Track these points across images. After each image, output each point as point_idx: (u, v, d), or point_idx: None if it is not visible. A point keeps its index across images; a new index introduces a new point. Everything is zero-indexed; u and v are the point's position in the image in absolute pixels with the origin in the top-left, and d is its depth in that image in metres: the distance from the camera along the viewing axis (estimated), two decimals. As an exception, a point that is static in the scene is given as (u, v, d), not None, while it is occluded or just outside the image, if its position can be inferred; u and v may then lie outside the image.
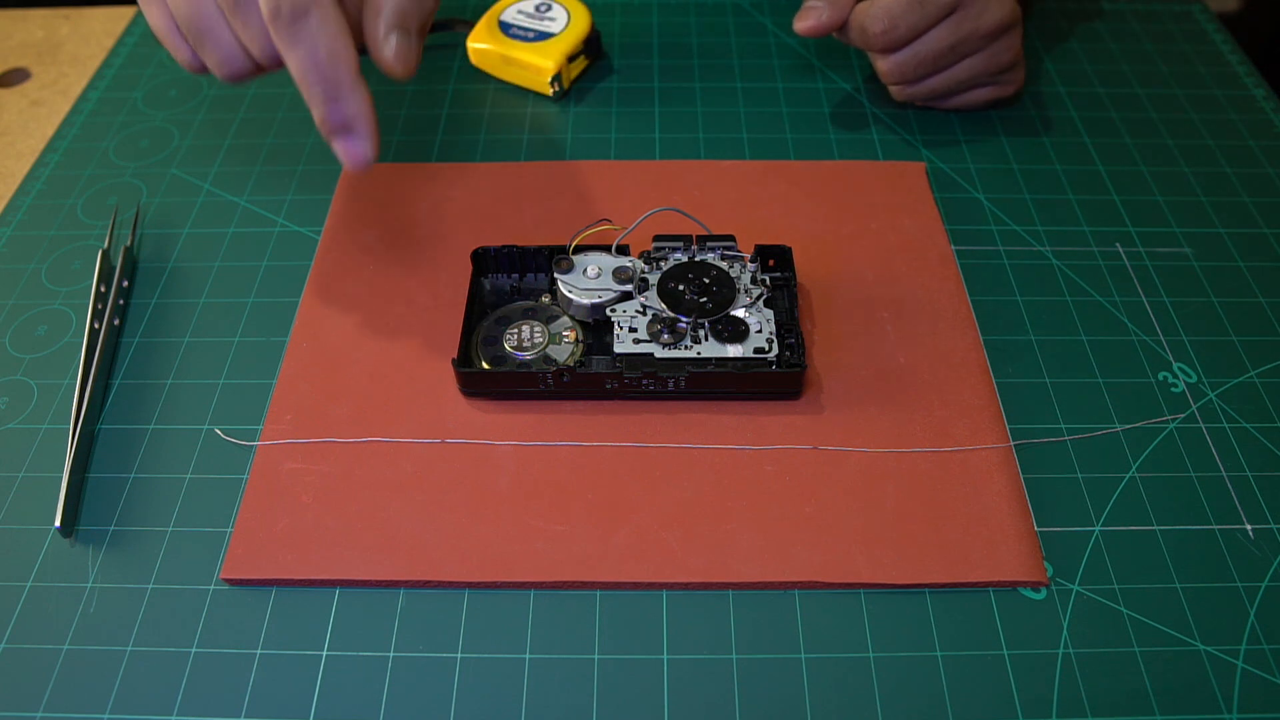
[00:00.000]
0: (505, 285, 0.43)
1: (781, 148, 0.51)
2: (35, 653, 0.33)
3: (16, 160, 0.52)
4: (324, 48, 0.32)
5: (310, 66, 0.32)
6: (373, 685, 0.32)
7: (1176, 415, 0.40)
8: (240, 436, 0.39)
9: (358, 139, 0.33)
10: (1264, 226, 0.47)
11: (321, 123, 0.33)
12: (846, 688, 0.32)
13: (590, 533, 0.35)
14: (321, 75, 0.32)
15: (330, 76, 0.32)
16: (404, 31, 0.35)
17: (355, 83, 0.32)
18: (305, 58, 0.32)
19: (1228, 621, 0.34)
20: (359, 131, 0.33)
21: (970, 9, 0.46)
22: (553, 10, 0.55)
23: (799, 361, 0.38)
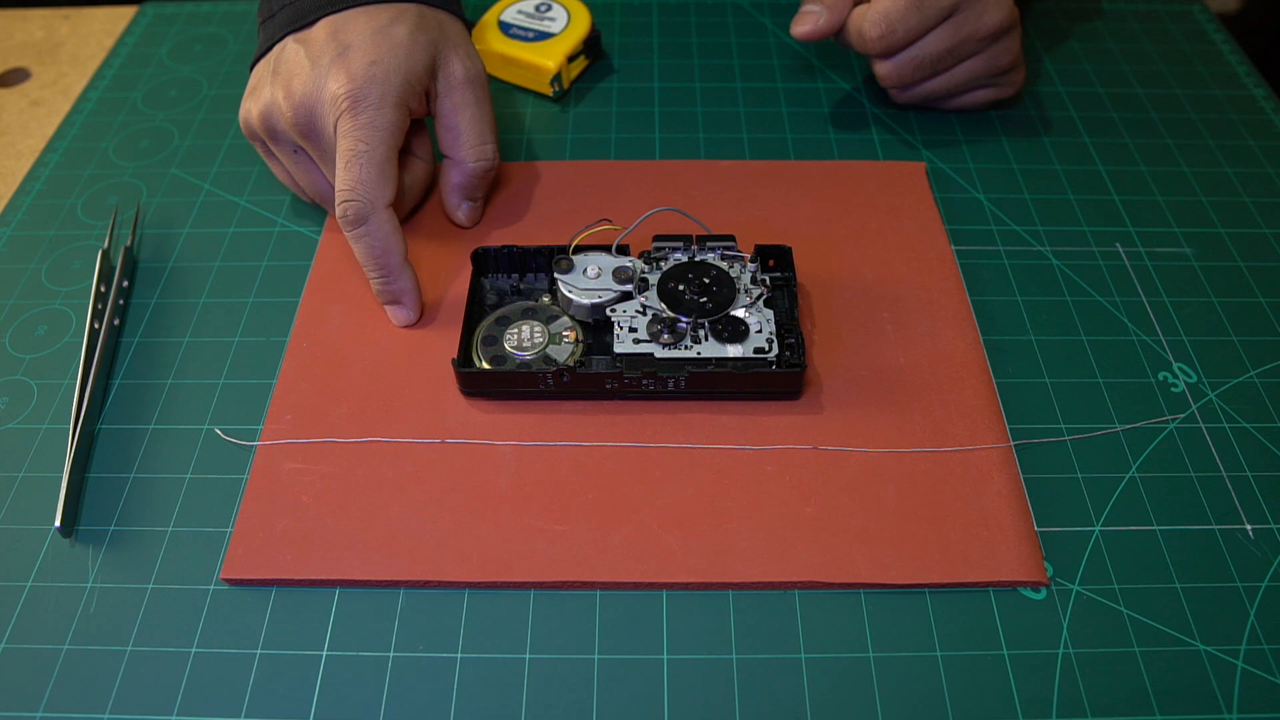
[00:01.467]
0: (505, 285, 0.43)
1: (781, 148, 0.51)
2: (35, 653, 0.33)
3: (16, 160, 0.52)
4: (379, 244, 0.40)
5: (369, 257, 0.40)
6: (373, 685, 0.32)
7: (1176, 415, 0.40)
8: (240, 436, 0.39)
9: (403, 309, 0.42)
10: (1264, 226, 0.47)
11: (378, 295, 0.42)
12: (846, 688, 0.32)
13: (590, 533, 0.35)
14: (378, 263, 0.40)
15: (384, 264, 0.40)
16: (472, 201, 0.45)
17: (402, 268, 0.41)
18: (365, 251, 0.40)
19: (1228, 621, 0.34)
20: (405, 304, 0.42)
21: (968, 12, 0.46)
22: (553, 10, 0.55)
23: (799, 361, 0.38)
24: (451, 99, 0.42)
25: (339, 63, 0.40)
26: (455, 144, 0.43)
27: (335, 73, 0.39)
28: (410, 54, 0.41)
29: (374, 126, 0.39)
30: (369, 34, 0.41)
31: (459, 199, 0.44)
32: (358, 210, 0.39)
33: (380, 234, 0.40)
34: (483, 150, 0.43)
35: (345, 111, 0.39)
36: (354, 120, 0.39)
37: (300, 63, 0.41)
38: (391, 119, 0.40)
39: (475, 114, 0.43)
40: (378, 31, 0.41)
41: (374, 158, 0.39)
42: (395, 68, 0.40)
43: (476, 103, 0.43)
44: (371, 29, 0.41)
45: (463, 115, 0.43)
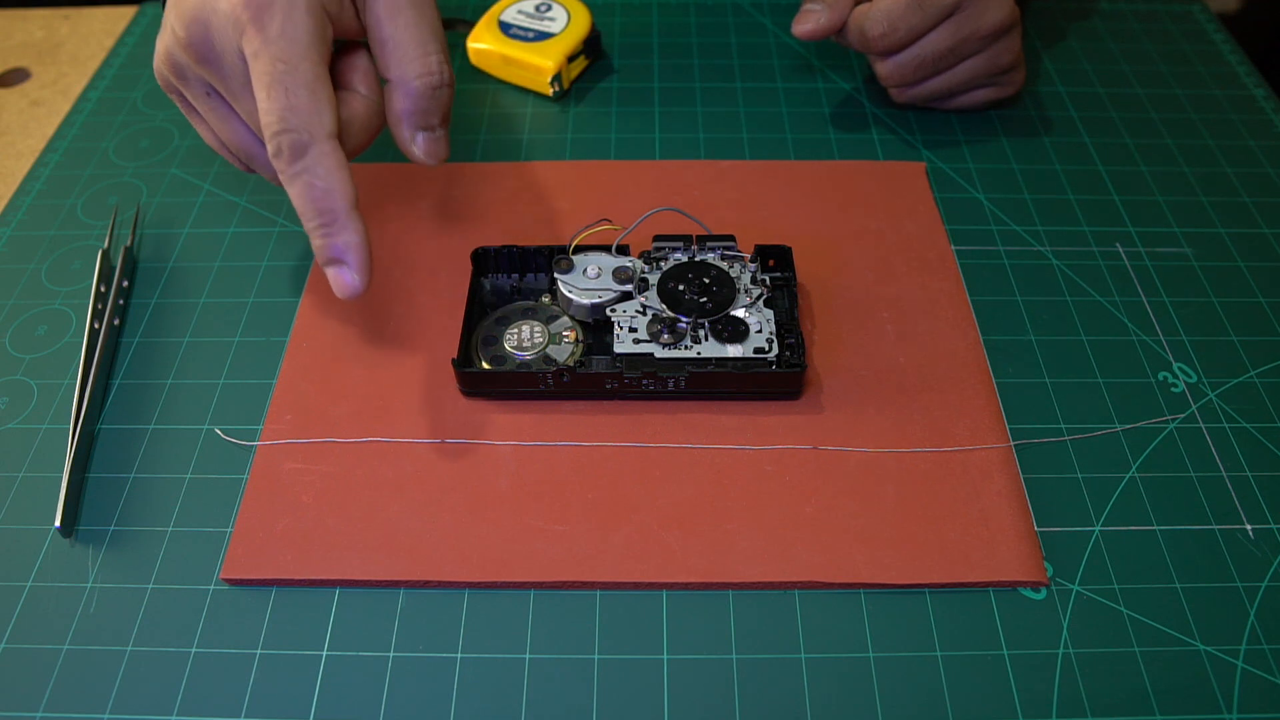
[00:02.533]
0: (505, 285, 0.43)
1: (781, 148, 0.51)
2: (35, 653, 0.33)
3: (16, 160, 0.52)
4: (321, 182, 0.33)
5: (307, 200, 0.33)
6: (373, 685, 0.32)
7: (1176, 415, 0.40)
8: (240, 436, 0.39)
9: (349, 270, 0.34)
10: (1264, 226, 0.47)
11: (317, 251, 0.34)
12: (846, 688, 0.32)
13: (590, 533, 0.35)
14: (318, 209, 0.33)
15: (325, 209, 0.33)
16: (428, 129, 0.37)
17: (349, 216, 0.33)
18: (303, 192, 0.33)
19: (1228, 621, 0.34)
20: (351, 263, 0.34)
21: (969, 11, 0.46)
22: (553, 10, 0.55)
23: (799, 361, 0.38)
24: (380, 3, 0.35)
25: None
26: (392, 60, 0.35)
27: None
28: None
29: (289, 38, 0.32)
30: None
31: (410, 129, 0.36)
32: (293, 141, 0.32)
33: (322, 170, 0.33)
34: (426, 62, 0.35)
35: (249, 24, 0.32)
36: (262, 34, 0.32)
37: None
38: (308, 25, 0.33)
39: (411, 18, 0.35)
40: None
41: (299, 76, 0.32)
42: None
43: (412, 5, 0.35)
44: None
45: (396, 22, 0.35)
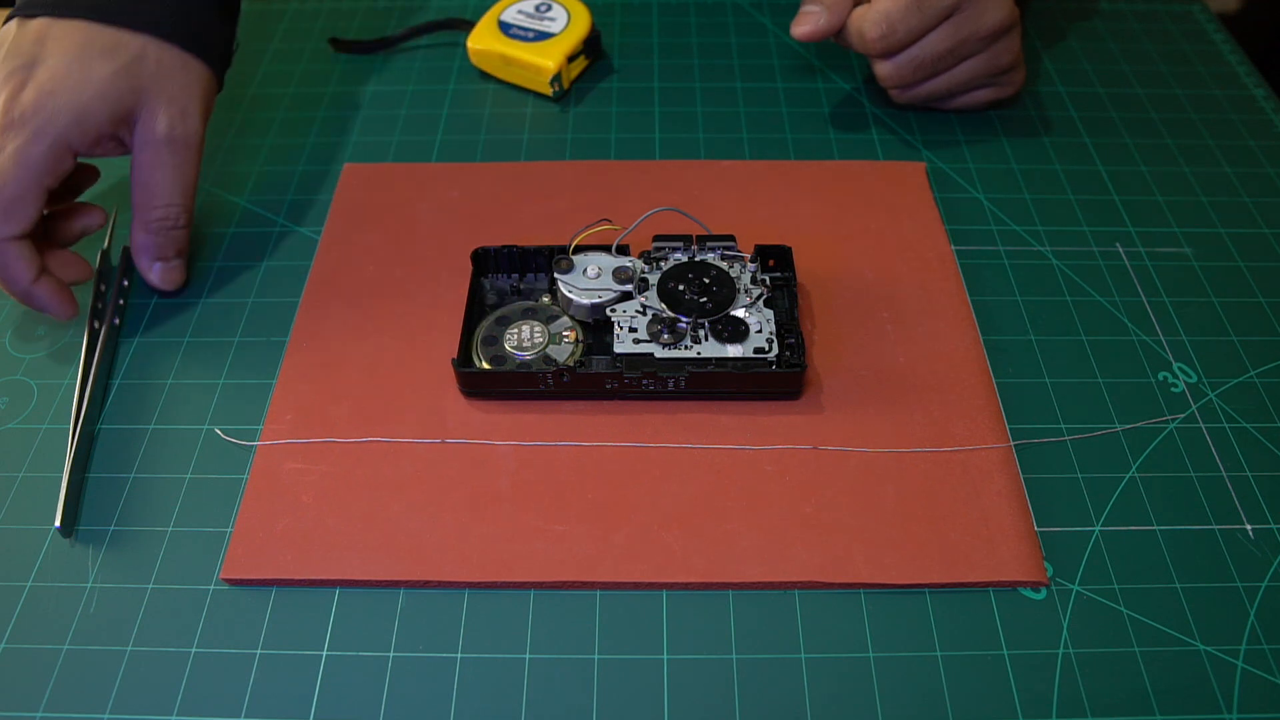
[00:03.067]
0: (505, 285, 0.43)
1: (781, 148, 0.51)
2: (35, 653, 0.33)
3: (16, 160, 0.52)
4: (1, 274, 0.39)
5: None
6: (373, 685, 0.32)
7: (1176, 415, 0.40)
8: (240, 436, 0.39)
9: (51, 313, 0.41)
10: (1264, 226, 0.47)
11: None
12: (846, 688, 0.32)
13: (590, 533, 0.35)
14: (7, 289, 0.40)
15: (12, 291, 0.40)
16: (162, 260, 0.42)
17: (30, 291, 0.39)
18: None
19: (1228, 621, 0.34)
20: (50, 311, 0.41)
21: (968, 11, 0.46)
22: (553, 10, 0.55)
23: (799, 361, 0.38)
24: (146, 154, 0.40)
25: (15, 77, 0.37)
26: (140, 201, 0.40)
27: (5, 87, 0.37)
28: (98, 96, 0.38)
29: (16, 161, 0.37)
30: (69, 58, 0.38)
31: (146, 260, 0.42)
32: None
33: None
34: (167, 211, 0.40)
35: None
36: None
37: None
38: (39, 156, 0.37)
39: (167, 175, 0.40)
40: (80, 58, 0.38)
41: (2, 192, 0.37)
42: (67, 106, 0.37)
43: (173, 165, 0.40)
44: (76, 53, 0.38)
45: (152, 174, 0.40)
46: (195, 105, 0.41)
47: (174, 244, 0.42)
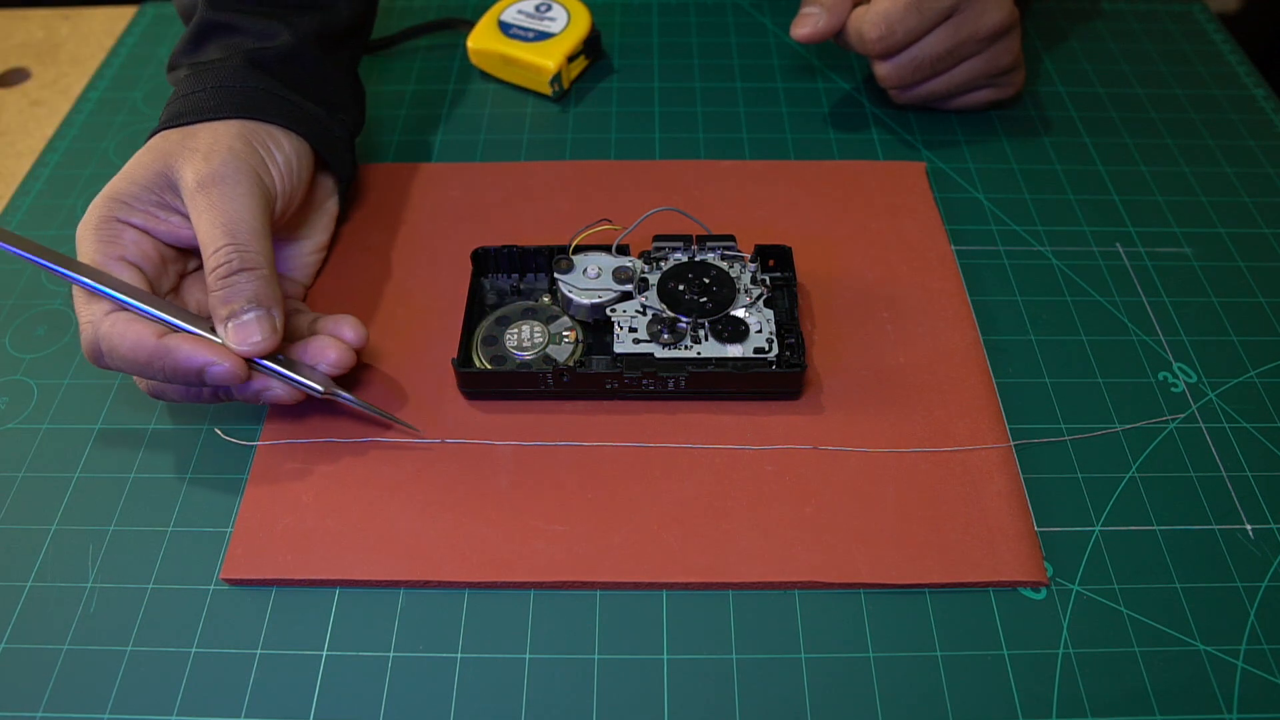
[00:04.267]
0: (505, 285, 0.43)
1: (781, 148, 0.51)
2: (35, 653, 0.33)
3: (16, 160, 0.52)
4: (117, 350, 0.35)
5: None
6: (373, 685, 0.32)
7: (1176, 415, 0.40)
8: (240, 436, 0.39)
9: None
10: (1264, 226, 0.47)
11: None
12: (846, 688, 0.32)
13: (590, 533, 0.35)
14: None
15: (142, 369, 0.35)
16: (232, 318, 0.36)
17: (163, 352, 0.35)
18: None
19: (1228, 621, 0.34)
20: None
21: (968, 12, 0.46)
22: (553, 10, 0.55)
23: (799, 361, 0.38)
24: (192, 212, 0.37)
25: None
26: (204, 256, 0.36)
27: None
28: (124, 176, 0.37)
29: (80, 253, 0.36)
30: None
31: (219, 322, 0.36)
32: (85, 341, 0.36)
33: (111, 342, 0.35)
34: (217, 255, 0.35)
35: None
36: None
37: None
38: (88, 248, 0.36)
39: (207, 219, 0.36)
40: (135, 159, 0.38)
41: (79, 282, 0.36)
42: (99, 198, 0.37)
43: (209, 207, 0.36)
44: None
45: (197, 225, 0.36)
46: (221, 149, 0.38)
47: (240, 294, 0.35)
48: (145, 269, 0.37)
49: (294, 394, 0.37)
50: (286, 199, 0.40)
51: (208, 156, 0.37)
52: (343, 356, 0.37)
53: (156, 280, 0.37)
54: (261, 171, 0.38)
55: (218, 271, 0.35)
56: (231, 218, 0.36)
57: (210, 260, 0.36)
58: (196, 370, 0.34)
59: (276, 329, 0.36)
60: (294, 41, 0.42)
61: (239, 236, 0.36)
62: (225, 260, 0.35)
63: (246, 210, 0.36)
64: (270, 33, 0.42)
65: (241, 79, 0.40)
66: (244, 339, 0.35)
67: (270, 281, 0.36)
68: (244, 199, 0.37)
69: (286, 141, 0.40)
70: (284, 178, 0.39)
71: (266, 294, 0.36)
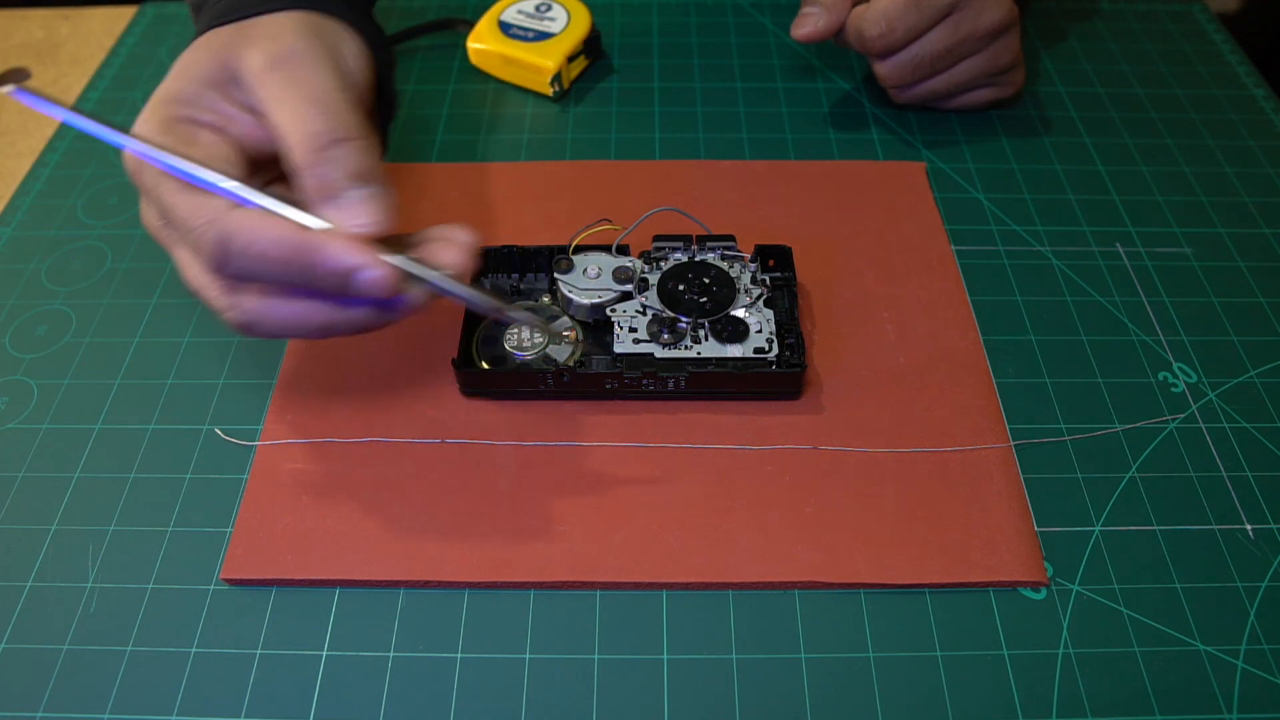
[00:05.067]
0: (505, 285, 0.43)
1: (781, 148, 0.51)
2: (35, 653, 0.33)
3: (16, 160, 0.52)
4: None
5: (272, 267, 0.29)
6: (373, 685, 0.32)
7: (1176, 415, 0.40)
8: (240, 436, 0.39)
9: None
10: (1264, 226, 0.47)
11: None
12: (846, 688, 0.32)
13: (590, 533, 0.35)
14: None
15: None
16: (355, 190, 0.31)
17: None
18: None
19: (1228, 621, 0.34)
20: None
21: (968, 10, 0.46)
22: (553, 10, 0.55)
23: (799, 361, 0.38)
24: (264, 97, 0.31)
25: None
26: (284, 142, 0.31)
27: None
28: (178, 75, 0.32)
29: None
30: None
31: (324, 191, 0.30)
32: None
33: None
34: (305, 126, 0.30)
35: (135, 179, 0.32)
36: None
37: None
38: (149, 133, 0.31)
39: (287, 94, 0.31)
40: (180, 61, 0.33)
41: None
42: (156, 100, 0.32)
43: (287, 83, 0.31)
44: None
45: (274, 108, 0.31)
46: (286, 33, 0.32)
47: (343, 167, 0.30)
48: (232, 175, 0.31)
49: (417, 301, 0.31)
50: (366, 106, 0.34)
51: (275, 39, 0.32)
52: (460, 256, 0.31)
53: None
54: (338, 58, 0.33)
55: (309, 144, 0.30)
56: (315, 88, 0.31)
57: (297, 138, 0.30)
58: (344, 273, 0.29)
59: (396, 207, 0.30)
60: None
61: (327, 105, 0.31)
62: (314, 130, 0.30)
63: (330, 83, 0.31)
64: None
65: None
66: (353, 218, 0.30)
67: (375, 154, 0.31)
68: (326, 73, 0.32)
69: (354, 43, 0.35)
70: (355, 77, 0.34)
71: (374, 168, 0.30)
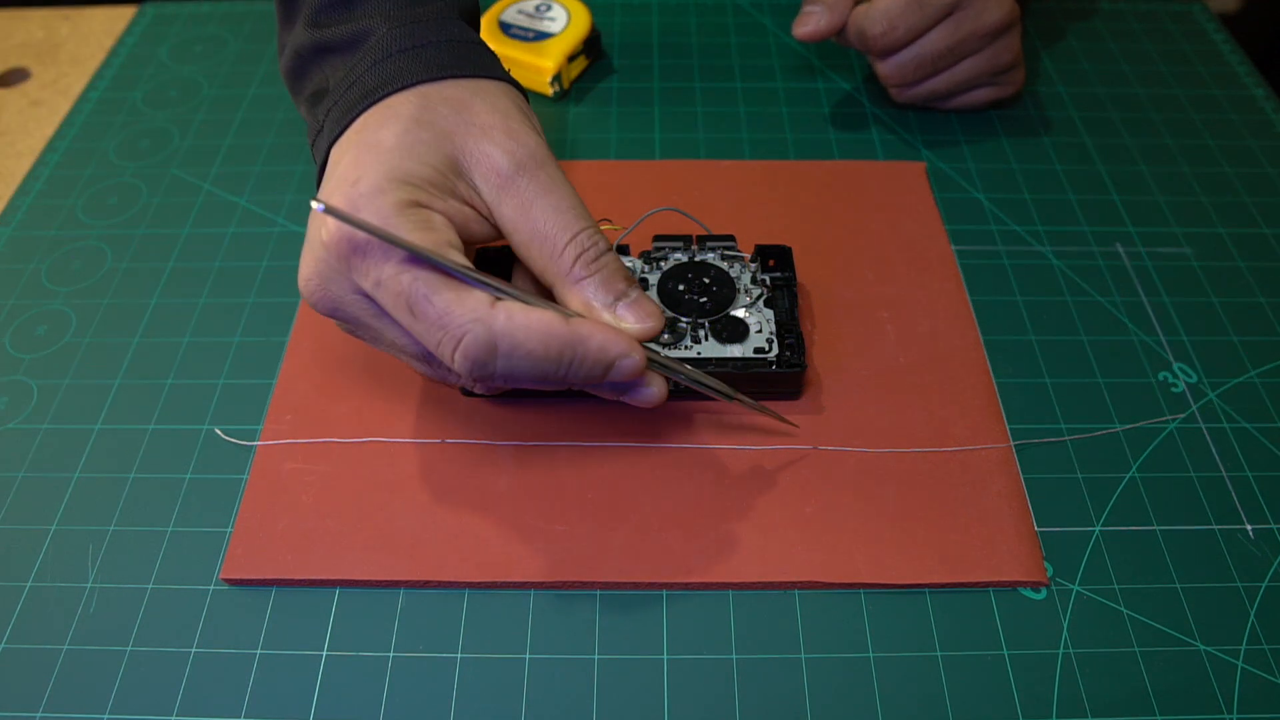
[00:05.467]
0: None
1: (781, 148, 0.51)
2: (35, 653, 0.33)
3: (16, 160, 0.52)
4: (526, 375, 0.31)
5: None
6: (373, 685, 0.32)
7: (1176, 415, 0.40)
8: (240, 436, 0.39)
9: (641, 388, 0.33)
10: (1264, 226, 0.47)
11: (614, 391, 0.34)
12: (846, 688, 0.32)
13: (590, 533, 0.35)
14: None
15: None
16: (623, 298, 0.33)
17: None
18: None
19: (1228, 621, 0.34)
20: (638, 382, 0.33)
21: (969, 9, 0.46)
22: (553, 10, 0.55)
23: (799, 361, 0.38)
24: (509, 200, 0.32)
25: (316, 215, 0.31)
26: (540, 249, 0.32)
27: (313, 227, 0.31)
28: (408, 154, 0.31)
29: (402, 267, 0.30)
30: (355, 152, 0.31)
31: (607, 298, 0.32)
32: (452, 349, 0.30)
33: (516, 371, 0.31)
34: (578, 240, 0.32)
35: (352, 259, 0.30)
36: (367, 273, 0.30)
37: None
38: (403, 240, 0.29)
39: (545, 203, 0.32)
40: (362, 145, 0.32)
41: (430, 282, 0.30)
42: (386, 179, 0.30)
43: (544, 191, 0.32)
44: (357, 144, 0.32)
45: (526, 212, 0.32)
46: (518, 120, 0.33)
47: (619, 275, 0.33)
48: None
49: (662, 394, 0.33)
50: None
51: (511, 131, 0.32)
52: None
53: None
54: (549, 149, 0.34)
55: (584, 256, 0.32)
56: (571, 200, 0.32)
57: (565, 246, 0.32)
58: (609, 363, 0.30)
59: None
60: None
61: (588, 219, 0.33)
62: (591, 244, 0.32)
63: (573, 191, 0.33)
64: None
65: (469, 32, 0.36)
66: (641, 318, 0.33)
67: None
68: (565, 180, 0.33)
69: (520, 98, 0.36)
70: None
71: (630, 275, 0.33)
